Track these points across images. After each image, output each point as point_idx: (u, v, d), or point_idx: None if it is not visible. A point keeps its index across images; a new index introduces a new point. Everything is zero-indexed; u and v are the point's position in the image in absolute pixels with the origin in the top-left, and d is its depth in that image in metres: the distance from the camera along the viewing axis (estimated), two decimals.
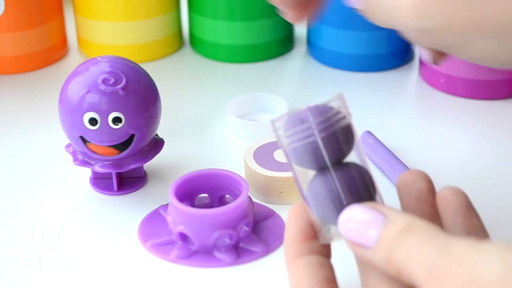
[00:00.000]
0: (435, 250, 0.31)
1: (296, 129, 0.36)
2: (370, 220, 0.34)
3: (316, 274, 0.35)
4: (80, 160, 0.49)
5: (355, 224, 0.34)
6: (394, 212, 0.34)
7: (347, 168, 0.36)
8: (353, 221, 0.34)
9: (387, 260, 0.33)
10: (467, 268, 0.29)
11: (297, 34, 0.72)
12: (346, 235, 0.34)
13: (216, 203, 0.48)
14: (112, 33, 0.68)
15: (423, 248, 0.31)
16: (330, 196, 0.36)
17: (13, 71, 0.67)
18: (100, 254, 0.45)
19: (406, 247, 0.32)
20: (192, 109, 0.61)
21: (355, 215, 0.34)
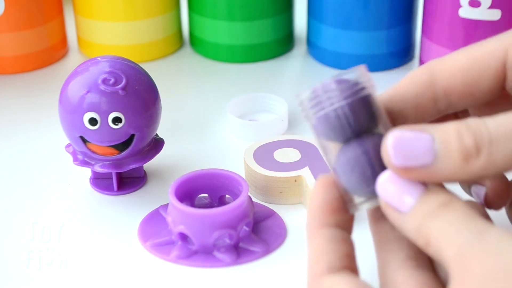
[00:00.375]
0: (469, 232, 0.30)
1: (321, 98, 0.36)
2: (410, 187, 0.33)
3: (337, 248, 0.34)
4: (80, 160, 0.49)
5: (394, 186, 0.33)
6: (436, 185, 0.33)
7: (376, 137, 0.35)
8: (394, 183, 0.33)
9: (417, 230, 0.32)
10: (498, 255, 0.29)
11: (297, 34, 0.72)
12: (383, 195, 0.33)
13: (216, 203, 0.48)
14: (112, 33, 0.68)
15: (458, 227, 0.31)
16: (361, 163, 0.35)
17: (13, 71, 0.67)
18: (100, 254, 0.45)
19: (441, 223, 0.31)
20: (192, 109, 0.61)
21: (397, 178, 0.33)
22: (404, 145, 0.33)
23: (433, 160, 0.32)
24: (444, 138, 0.32)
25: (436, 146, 0.32)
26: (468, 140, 0.32)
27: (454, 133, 0.32)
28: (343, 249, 0.35)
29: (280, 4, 0.68)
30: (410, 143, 0.33)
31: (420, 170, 0.33)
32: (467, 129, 0.32)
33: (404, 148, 0.33)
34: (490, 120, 0.32)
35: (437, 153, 0.32)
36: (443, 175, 0.32)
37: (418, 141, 0.32)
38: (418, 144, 0.32)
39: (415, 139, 0.33)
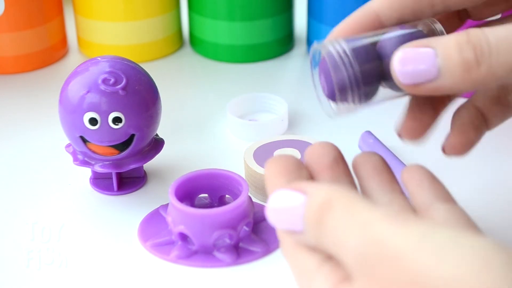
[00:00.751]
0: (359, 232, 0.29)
1: None
2: (293, 201, 0.32)
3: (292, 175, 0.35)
4: (80, 160, 0.49)
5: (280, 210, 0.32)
6: (313, 186, 0.32)
7: None
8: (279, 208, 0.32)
9: (318, 242, 0.31)
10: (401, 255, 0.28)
11: (297, 34, 0.72)
12: (277, 225, 0.33)
13: (216, 203, 0.48)
14: (112, 33, 0.68)
15: (346, 229, 0.30)
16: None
17: (13, 71, 0.68)
18: (100, 254, 0.45)
19: (329, 228, 0.30)
20: (192, 109, 0.61)
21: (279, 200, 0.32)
22: (409, 64, 0.34)
23: (437, 75, 0.33)
24: (446, 52, 0.33)
25: (439, 61, 0.33)
26: (468, 52, 0.33)
27: (455, 46, 0.33)
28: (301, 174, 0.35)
29: (280, 4, 0.68)
30: (414, 61, 0.34)
31: (427, 85, 0.34)
32: (467, 42, 0.33)
33: (410, 67, 0.34)
34: (490, 33, 0.33)
35: (440, 67, 0.33)
36: (448, 87, 0.34)
37: (421, 58, 0.34)
38: (422, 62, 0.34)
39: (419, 57, 0.34)
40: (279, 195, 0.33)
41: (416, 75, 0.34)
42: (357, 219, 0.30)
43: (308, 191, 0.32)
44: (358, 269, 0.30)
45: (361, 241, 0.29)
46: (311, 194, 0.32)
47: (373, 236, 0.29)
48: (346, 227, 0.30)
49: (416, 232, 0.28)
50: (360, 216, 0.30)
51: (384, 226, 0.29)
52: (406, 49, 0.34)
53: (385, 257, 0.28)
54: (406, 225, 0.29)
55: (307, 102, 0.61)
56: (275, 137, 0.53)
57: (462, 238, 0.28)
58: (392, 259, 0.28)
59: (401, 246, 0.28)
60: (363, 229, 0.29)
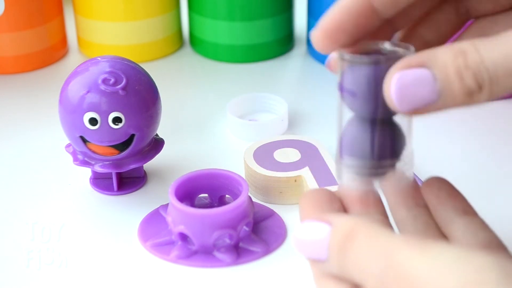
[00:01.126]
0: (380, 259, 0.30)
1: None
2: (318, 231, 0.33)
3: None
4: (80, 160, 0.49)
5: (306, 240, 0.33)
6: (338, 217, 0.33)
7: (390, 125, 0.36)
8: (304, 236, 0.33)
9: (341, 271, 0.32)
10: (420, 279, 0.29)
11: (297, 34, 0.72)
12: (303, 253, 0.34)
13: (216, 203, 0.48)
14: (112, 33, 0.68)
15: (368, 257, 0.31)
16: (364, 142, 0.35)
17: (13, 71, 0.67)
18: (100, 254, 0.45)
19: (352, 256, 0.32)
20: (192, 109, 0.61)
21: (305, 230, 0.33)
22: (406, 90, 0.33)
23: (437, 98, 0.33)
24: (445, 78, 0.32)
25: (438, 85, 0.32)
26: (469, 80, 0.32)
27: (454, 73, 0.32)
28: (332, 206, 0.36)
29: (280, 4, 0.68)
30: (412, 87, 0.33)
31: (426, 108, 0.33)
32: (466, 68, 0.32)
33: (407, 94, 0.33)
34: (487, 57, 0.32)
35: (440, 92, 0.32)
36: (448, 108, 0.33)
37: (420, 83, 0.33)
38: (420, 87, 0.33)
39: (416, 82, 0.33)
40: (306, 226, 0.34)
41: (414, 100, 0.33)
42: (378, 247, 0.31)
43: (333, 222, 0.33)
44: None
45: (382, 267, 0.30)
46: (335, 224, 0.33)
47: (392, 262, 0.30)
48: (368, 255, 0.31)
49: (430, 255, 0.29)
50: (381, 244, 0.31)
51: (403, 251, 0.30)
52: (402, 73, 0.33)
53: (402, 280, 0.30)
54: (423, 248, 0.30)
55: (307, 102, 0.61)
56: (275, 137, 0.53)
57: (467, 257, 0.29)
58: (408, 281, 0.29)
59: (416, 269, 0.29)
60: (384, 256, 0.30)
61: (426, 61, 0.33)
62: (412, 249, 0.30)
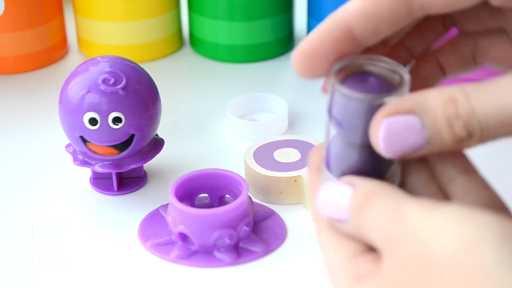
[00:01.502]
0: (390, 217, 0.31)
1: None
2: (341, 193, 0.33)
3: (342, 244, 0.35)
4: (80, 160, 0.49)
5: (330, 200, 0.34)
6: (361, 180, 0.33)
7: None
8: (328, 197, 0.34)
9: (357, 231, 0.33)
10: (419, 239, 0.30)
11: (297, 34, 0.72)
12: (325, 213, 0.34)
13: (216, 203, 0.48)
14: (112, 33, 0.68)
15: (381, 215, 0.31)
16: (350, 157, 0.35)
17: (13, 71, 0.67)
18: (100, 254, 0.45)
19: (368, 215, 0.32)
20: (192, 109, 0.61)
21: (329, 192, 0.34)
22: (393, 139, 0.33)
23: (425, 145, 0.33)
24: (435, 126, 0.32)
25: (426, 133, 0.32)
26: (459, 129, 0.32)
27: (444, 122, 0.32)
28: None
29: (280, 4, 0.68)
30: (400, 135, 0.33)
31: (413, 153, 0.33)
32: (456, 117, 0.32)
33: (395, 141, 0.33)
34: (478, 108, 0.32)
35: (428, 139, 0.33)
36: (436, 153, 0.33)
37: (408, 131, 0.33)
38: (408, 135, 0.33)
39: (404, 130, 0.33)
40: (330, 187, 0.34)
41: (402, 147, 0.33)
42: (390, 207, 0.31)
43: (355, 184, 0.33)
44: (385, 250, 0.31)
45: (389, 223, 0.31)
46: (357, 186, 0.33)
47: (399, 219, 0.31)
48: (380, 214, 0.32)
49: (434, 214, 0.30)
50: (393, 204, 0.31)
51: (411, 210, 0.31)
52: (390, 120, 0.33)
53: (405, 234, 0.30)
54: (429, 208, 0.30)
55: (307, 102, 0.61)
56: (275, 137, 0.53)
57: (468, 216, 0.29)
58: (410, 236, 0.30)
59: (419, 226, 0.30)
60: (393, 214, 0.31)
61: (415, 108, 0.32)
62: (419, 208, 0.30)
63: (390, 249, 0.31)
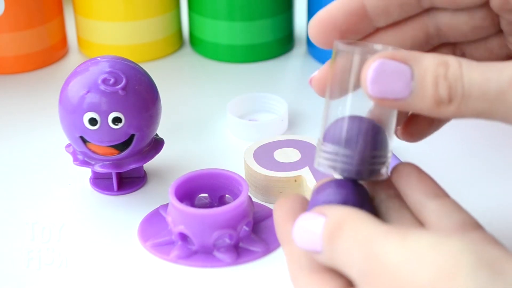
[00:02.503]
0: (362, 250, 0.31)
1: None
2: (314, 224, 0.33)
3: None
4: (80, 160, 0.49)
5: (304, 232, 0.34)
6: (332, 209, 0.34)
7: None
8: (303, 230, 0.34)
9: (331, 263, 0.33)
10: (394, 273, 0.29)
11: (297, 34, 0.72)
12: (301, 245, 0.34)
13: (216, 203, 0.48)
14: (112, 33, 0.68)
15: (351, 248, 0.31)
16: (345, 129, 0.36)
17: (13, 71, 0.68)
18: (100, 254, 0.45)
19: (339, 246, 0.32)
20: (192, 109, 0.61)
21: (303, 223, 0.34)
22: (381, 77, 0.34)
23: (407, 96, 0.33)
24: (422, 80, 0.33)
25: (412, 85, 0.33)
26: (442, 90, 0.33)
27: (432, 78, 0.33)
28: None
29: (280, 4, 0.68)
30: (389, 77, 0.33)
31: (394, 102, 0.34)
32: (444, 78, 0.33)
33: (382, 80, 0.34)
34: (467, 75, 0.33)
35: (412, 91, 0.33)
36: (413, 109, 0.34)
37: (397, 76, 0.33)
38: (397, 80, 0.33)
39: (395, 74, 0.33)
40: (304, 219, 0.34)
41: (387, 90, 0.34)
42: (361, 238, 0.31)
43: (326, 213, 0.34)
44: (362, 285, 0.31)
45: (362, 257, 0.31)
46: (328, 215, 0.33)
47: (372, 253, 0.31)
48: (351, 245, 0.32)
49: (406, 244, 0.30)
50: (364, 234, 0.32)
51: (382, 242, 0.31)
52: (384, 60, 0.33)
53: (380, 270, 0.30)
54: (401, 238, 0.30)
55: (307, 102, 0.61)
56: (275, 137, 0.53)
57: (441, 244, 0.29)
58: (385, 271, 0.30)
59: (393, 259, 0.30)
60: (365, 247, 0.31)
61: (411, 59, 0.33)
62: (391, 239, 0.30)
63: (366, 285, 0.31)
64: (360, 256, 0.31)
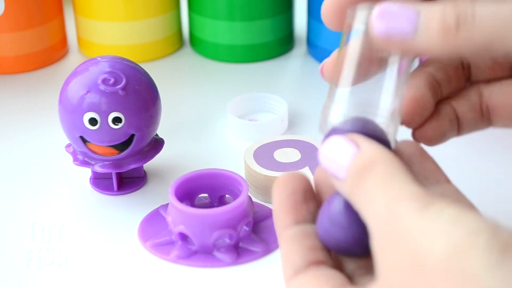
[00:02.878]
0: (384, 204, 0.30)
1: None
2: (344, 151, 0.33)
3: (298, 247, 0.34)
4: (80, 160, 0.49)
5: (332, 154, 0.33)
6: (368, 144, 0.33)
7: None
8: (331, 150, 0.33)
9: (351, 196, 0.32)
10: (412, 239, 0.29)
11: (297, 34, 0.72)
12: (324, 163, 0.33)
13: (216, 203, 0.48)
14: (112, 33, 0.68)
15: (376, 197, 0.31)
16: None
17: (13, 71, 0.68)
18: (100, 254, 0.45)
19: (364, 187, 0.31)
20: (192, 109, 0.61)
21: (332, 146, 0.33)
22: (388, 15, 0.33)
23: (413, 32, 0.33)
24: (429, 14, 0.33)
25: (418, 21, 0.33)
26: (450, 17, 0.32)
27: (439, 10, 0.33)
28: (306, 244, 0.34)
29: (280, 4, 0.68)
30: (395, 14, 0.33)
31: (400, 41, 0.33)
32: (453, 9, 0.32)
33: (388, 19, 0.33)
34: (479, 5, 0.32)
35: (418, 26, 0.33)
36: (421, 48, 0.33)
37: (403, 14, 0.33)
38: (402, 16, 0.33)
39: (400, 12, 0.33)
40: (333, 142, 0.33)
41: (391, 26, 0.33)
42: (389, 190, 0.31)
43: (360, 146, 0.33)
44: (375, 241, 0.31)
45: (384, 212, 0.30)
46: (361, 149, 0.33)
47: (394, 211, 0.30)
48: (377, 192, 0.31)
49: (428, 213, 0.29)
50: (393, 188, 0.31)
51: (408, 205, 0.30)
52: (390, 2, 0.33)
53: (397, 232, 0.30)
54: (424, 205, 0.30)
55: (307, 102, 0.61)
56: (275, 137, 0.53)
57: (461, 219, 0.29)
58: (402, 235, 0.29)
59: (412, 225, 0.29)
60: (390, 201, 0.30)
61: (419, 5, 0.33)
62: (415, 203, 0.30)
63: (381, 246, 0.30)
64: (383, 209, 0.30)
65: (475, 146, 0.55)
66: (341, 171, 0.33)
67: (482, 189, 0.50)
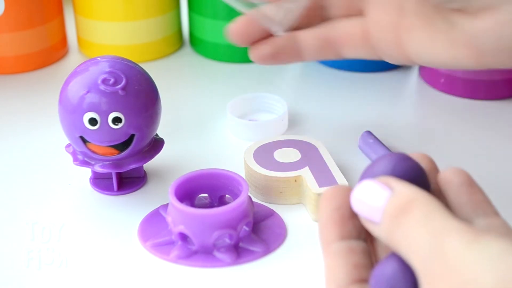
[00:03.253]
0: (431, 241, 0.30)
1: None
2: (377, 194, 0.33)
3: (344, 264, 0.34)
4: (80, 160, 0.49)
5: (365, 197, 0.33)
6: (400, 185, 0.33)
7: None
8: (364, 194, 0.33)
9: (389, 238, 0.32)
10: (461, 270, 0.29)
11: None
12: (356, 208, 0.34)
13: (216, 203, 0.48)
14: (112, 33, 0.68)
15: (419, 233, 0.31)
16: None
17: (13, 71, 0.68)
18: (100, 254, 0.45)
19: (404, 227, 0.31)
20: (192, 109, 0.61)
21: (365, 191, 0.33)
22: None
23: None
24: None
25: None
26: None
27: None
28: (351, 260, 0.34)
29: None
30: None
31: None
32: None
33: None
34: None
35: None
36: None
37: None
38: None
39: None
40: (366, 186, 0.34)
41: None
42: (431, 227, 0.31)
43: (394, 188, 0.33)
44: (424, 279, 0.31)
45: (430, 248, 0.30)
46: (396, 191, 0.33)
47: (440, 246, 0.30)
48: (419, 230, 0.31)
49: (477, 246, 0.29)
50: (435, 224, 0.31)
51: (453, 238, 0.30)
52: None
53: (444, 265, 0.29)
54: (472, 239, 0.30)
55: (307, 102, 0.61)
56: (275, 137, 0.53)
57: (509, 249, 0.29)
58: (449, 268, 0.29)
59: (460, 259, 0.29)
60: (434, 238, 0.30)
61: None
62: (462, 237, 0.30)
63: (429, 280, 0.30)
64: (428, 245, 0.30)
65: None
66: (377, 214, 0.33)
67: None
